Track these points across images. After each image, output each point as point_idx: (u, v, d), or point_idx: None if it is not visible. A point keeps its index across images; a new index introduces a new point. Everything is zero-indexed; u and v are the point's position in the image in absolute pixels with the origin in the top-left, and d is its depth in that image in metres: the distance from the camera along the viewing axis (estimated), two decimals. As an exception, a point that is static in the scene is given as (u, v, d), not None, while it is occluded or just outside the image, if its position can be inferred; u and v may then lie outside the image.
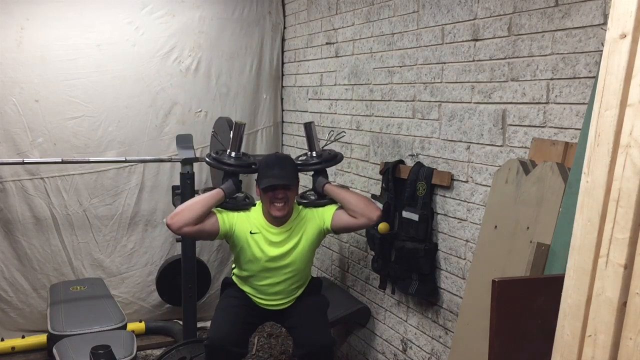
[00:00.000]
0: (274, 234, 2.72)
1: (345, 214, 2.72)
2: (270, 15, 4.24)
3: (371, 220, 2.68)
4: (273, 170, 2.68)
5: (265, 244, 2.70)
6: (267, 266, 2.72)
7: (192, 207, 2.61)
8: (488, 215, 2.27)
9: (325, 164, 2.89)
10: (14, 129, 3.67)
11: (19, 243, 3.77)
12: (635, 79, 1.16)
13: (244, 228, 2.70)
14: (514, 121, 2.24)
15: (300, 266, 2.76)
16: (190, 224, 2.58)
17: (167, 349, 3.27)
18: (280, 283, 2.76)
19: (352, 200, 2.71)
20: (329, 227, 2.75)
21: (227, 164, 2.77)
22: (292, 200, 2.73)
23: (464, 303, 2.37)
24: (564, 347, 1.33)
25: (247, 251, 2.71)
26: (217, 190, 2.71)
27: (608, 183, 1.21)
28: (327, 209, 2.79)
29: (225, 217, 2.69)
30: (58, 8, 3.70)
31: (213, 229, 2.66)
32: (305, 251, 2.75)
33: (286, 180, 2.66)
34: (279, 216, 2.67)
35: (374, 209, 2.69)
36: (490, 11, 2.32)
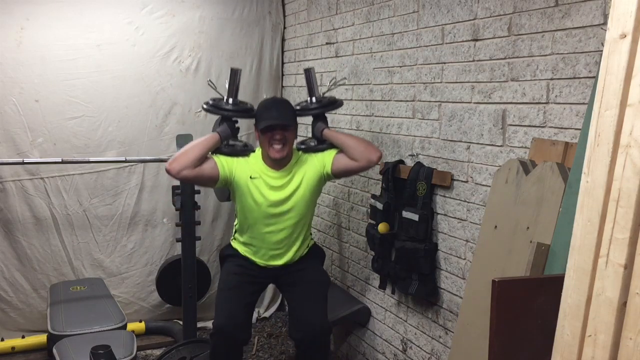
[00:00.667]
0: (274, 178, 2.71)
1: (345, 157, 2.71)
2: (270, 15, 4.24)
3: (371, 162, 2.68)
4: (271, 111, 2.70)
5: (265, 189, 2.70)
6: (268, 212, 2.71)
7: (189, 151, 2.64)
8: (488, 215, 2.27)
9: (324, 108, 2.88)
10: (14, 129, 3.67)
11: (19, 243, 3.77)
12: (635, 79, 1.16)
13: (244, 173, 2.71)
14: (514, 121, 2.24)
15: (301, 211, 2.75)
16: (189, 167, 2.60)
17: (167, 349, 3.27)
18: (283, 231, 2.74)
19: (352, 143, 2.71)
20: (329, 171, 2.74)
21: (224, 109, 2.79)
22: (291, 142, 2.72)
23: (464, 303, 2.37)
24: (564, 347, 1.33)
25: (249, 197, 2.71)
26: (212, 134, 2.74)
27: (608, 183, 1.21)
28: (326, 153, 2.78)
29: (225, 162, 2.71)
30: (58, 8, 3.70)
31: (213, 173, 2.67)
32: (306, 196, 2.74)
33: (284, 120, 2.66)
34: (278, 158, 2.67)
35: (373, 150, 2.68)
36: (490, 11, 2.32)
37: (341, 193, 3.60)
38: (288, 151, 2.70)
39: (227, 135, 2.76)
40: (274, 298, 4.37)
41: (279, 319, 4.27)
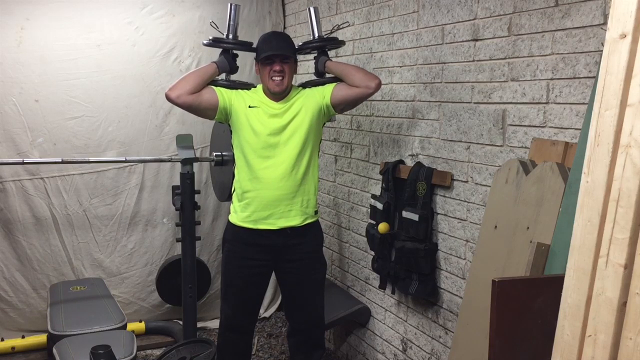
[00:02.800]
0: (274, 107, 2.72)
1: (344, 86, 2.73)
2: (270, 15, 4.24)
3: (369, 88, 2.68)
4: (271, 43, 2.72)
5: (265, 117, 2.70)
6: (268, 141, 2.68)
7: (187, 78, 2.70)
8: (488, 215, 2.27)
9: (326, 42, 2.91)
10: (14, 129, 3.67)
11: (19, 243, 3.77)
12: (635, 79, 1.16)
13: (243, 103, 2.72)
14: (514, 121, 2.24)
15: (301, 139, 2.69)
16: (187, 92, 2.65)
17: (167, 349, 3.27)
18: (283, 164, 2.67)
19: (352, 70, 2.75)
20: (329, 101, 2.74)
21: (224, 41, 2.82)
22: (290, 75, 2.73)
23: (464, 303, 2.37)
24: (564, 347, 1.33)
25: (248, 126, 2.70)
26: (210, 63, 2.79)
27: (608, 183, 1.21)
28: (327, 86, 2.79)
29: (224, 92, 2.74)
30: (58, 8, 3.70)
31: (211, 100, 2.70)
32: (305, 124, 2.71)
33: (283, 50, 2.69)
34: (278, 91, 2.68)
35: (372, 77, 2.70)
36: (490, 11, 2.32)
37: (341, 193, 3.60)
38: (287, 84, 2.71)
39: (224, 66, 2.79)
40: (274, 298, 4.37)
41: (279, 319, 4.27)
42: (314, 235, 2.82)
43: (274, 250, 2.74)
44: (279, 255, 2.76)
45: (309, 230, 2.77)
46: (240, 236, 2.76)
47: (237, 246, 2.78)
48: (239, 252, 2.77)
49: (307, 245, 2.79)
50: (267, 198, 2.68)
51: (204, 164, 4.07)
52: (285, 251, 2.75)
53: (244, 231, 2.73)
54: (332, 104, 2.74)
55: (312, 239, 2.82)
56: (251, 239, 2.73)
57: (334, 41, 2.92)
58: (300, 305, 2.86)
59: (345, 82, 2.74)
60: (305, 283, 2.81)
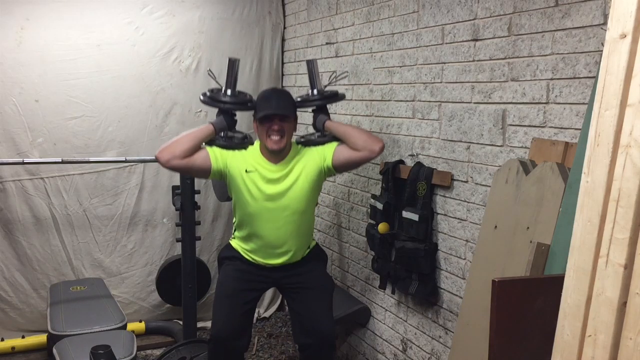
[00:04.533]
0: (272, 171, 2.63)
1: (346, 148, 2.64)
2: (270, 15, 4.24)
3: (373, 152, 2.60)
4: (270, 101, 2.63)
5: (262, 182, 2.62)
6: (265, 206, 2.62)
7: (180, 140, 2.59)
8: (488, 215, 2.27)
9: (326, 100, 2.83)
10: (14, 129, 3.67)
11: (19, 243, 3.77)
12: (635, 79, 1.16)
13: (239, 166, 2.63)
14: (514, 121, 2.24)
15: (300, 206, 2.66)
16: (178, 157, 2.55)
17: (167, 349, 3.27)
18: (282, 227, 2.65)
19: (354, 133, 2.65)
20: (330, 164, 2.66)
21: (222, 101, 2.72)
22: (290, 134, 2.65)
23: (464, 303, 2.37)
24: (564, 347, 1.33)
25: (244, 191, 2.63)
26: (206, 125, 2.69)
27: (608, 183, 1.21)
28: (327, 146, 2.70)
29: (218, 154, 2.64)
30: (58, 8, 3.70)
31: (204, 165, 2.61)
32: (305, 190, 2.65)
33: (283, 110, 2.60)
34: (276, 149, 2.59)
35: (376, 140, 2.62)
36: (490, 11, 2.32)
37: (341, 193, 3.60)
38: (286, 143, 2.62)
39: (222, 127, 2.70)
40: (274, 298, 4.37)
41: (279, 319, 4.27)
42: (315, 256, 2.83)
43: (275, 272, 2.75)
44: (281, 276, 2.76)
45: (310, 255, 2.80)
46: (240, 257, 2.75)
47: (236, 262, 2.76)
48: (238, 266, 2.74)
49: (310, 263, 2.80)
50: (269, 251, 2.70)
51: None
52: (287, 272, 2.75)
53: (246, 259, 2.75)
54: (334, 166, 2.68)
55: (315, 259, 2.82)
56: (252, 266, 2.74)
57: (335, 98, 2.85)
58: (307, 317, 2.71)
59: (346, 145, 2.65)
60: (310, 293, 2.73)
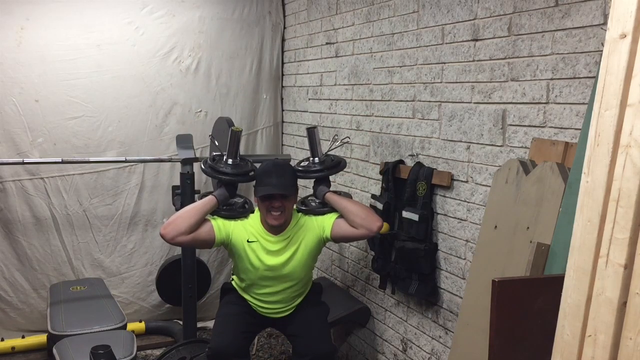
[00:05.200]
0: (272, 242, 2.67)
1: (345, 223, 2.67)
2: (270, 15, 4.24)
3: (371, 232, 2.63)
4: (271, 178, 2.63)
5: (263, 253, 2.67)
6: (265, 275, 2.69)
7: (184, 216, 2.58)
8: (488, 215, 2.27)
9: (327, 171, 2.83)
10: (14, 129, 3.67)
11: (19, 243, 3.77)
12: (635, 79, 1.16)
13: (241, 237, 2.67)
14: (514, 121, 2.24)
15: (299, 275, 2.73)
16: (184, 233, 2.55)
17: (167, 349, 3.27)
18: (280, 292, 2.73)
19: (353, 210, 2.66)
20: (329, 236, 2.70)
21: (224, 172, 2.71)
22: (290, 209, 2.69)
23: (464, 303, 2.37)
24: (564, 347, 1.33)
25: (245, 260, 2.68)
26: (210, 197, 2.68)
27: (608, 183, 1.21)
28: (327, 217, 2.73)
29: (222, 225, 2.66)
30: (58, 8, 3.70)
31: (209, 238, 2.63)
32: (304, 260, 2.71)
33: (283, 189, 2.62)
34: (276, 225, 2.64)
35: (374, 220, 2.63)
36: (490, 11, 2.32)
37: (341, 193, 3.60)
38: (287, 218, 2.66)
39: (224, 199, 2.70)
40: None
41: (279, 319, 4.27)
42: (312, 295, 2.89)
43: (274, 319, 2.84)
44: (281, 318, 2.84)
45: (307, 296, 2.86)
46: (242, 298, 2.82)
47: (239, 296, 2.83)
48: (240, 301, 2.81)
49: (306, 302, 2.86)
50: (265, 306, 2.77)
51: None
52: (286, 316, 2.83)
53: None
54: (332, 238, 2.72)
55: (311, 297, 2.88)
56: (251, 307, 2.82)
57: (336, 169, 2.85)
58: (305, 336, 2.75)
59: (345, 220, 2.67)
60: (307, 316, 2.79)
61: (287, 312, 2.80)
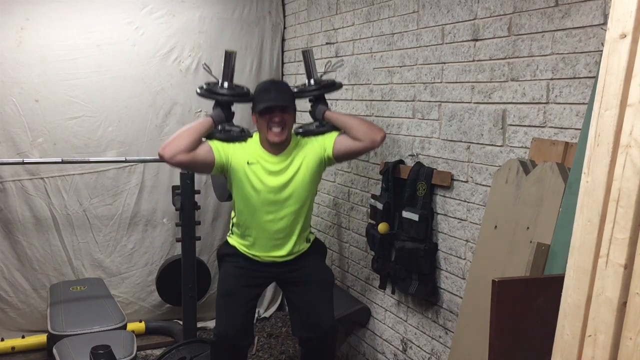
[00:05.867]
0: (273, 163, 2.64)
1: (347, 138, 2.64)
2: (270, 15, 4.24)
3: (374, 142, 2.61)
4: (270, 93, 2.63)
5: (264, 174, 2.62)
6: (268, 199, 2.63)
7: (181, 135, 2.59)
8: (488, 215, 2.27)
9: (323, 89, 2.83)
10: (14, 129, 3.67)
11: (19, 243, 3.77)
12: (635, 79, 1.16)
13: (241, 159, 2.63)
14: (514, 121, 2.24)
15: (301, 197, 2.66)
16: (182, 152, 2.55)
17: (167, 349, 3.27)
18: (283, 219, 2.66)
19: (355, 123, 2.64)
20: (331, 154, 2.66)
21: (219, 93, 2.71)
22: (290, 125, 2.65)
23: (464, 303, 2.37)
24: (564, 347, 1.33)
25: (246, 184, 2.64)
26: (205, 118, 2.69)
27: (608, 183, 1.21)
28: (327, 136, 2.70)
29: (220, 148, 2.64)
30: (58, 8, 3.70)
31: (208, 158, 2.61)
32: (306, 181, 2.66)
33: (282, 101, 2.60)
34: (277, 142, 2.59)
35: (377, 131, 2.62)
36: (490, 11, 2.32)
37: (341, 193, 3.60)
38: (287, 135, 2.62)
39: (220, 119, 2.69)
40: (274, 298, 4.37)
41: (279, 319, 4.27)
42: (315, 250, 2.83)
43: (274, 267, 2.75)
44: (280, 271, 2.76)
45: (310, 249, 2.80)
46: (239, 254, 2.76)
47: (236, 258, 2.76)
48: (239, 263, 2.75)
49: (310, 258, 2.80)
50: (269, 243, 2.70)
51: (204, 164, 4.07)
52: (287, 266, 2.75)
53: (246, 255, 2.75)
54: (334, 156, 2.68)
55: (314, 253, 2.82)
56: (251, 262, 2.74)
57: (332, 87, 2.85)
58: (308, 311, 2.73)
59: (347, 135, 2.65)
60: (312, 286, 2.74)
61: (287, 249, 2.71)
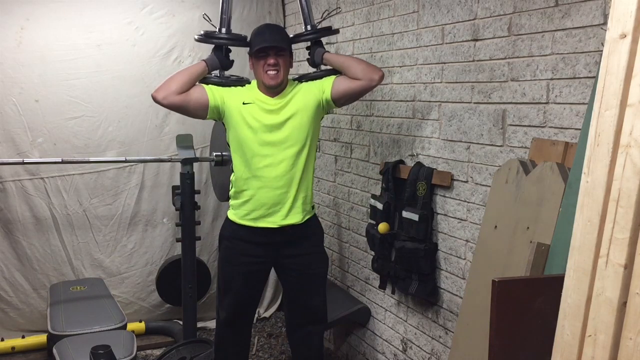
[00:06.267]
0: (270, 103, 2.64)
1: (345, 79, 2.64)
2: (270, 15, 4.24)
3: (373, 81, 2.60)
4: (264, 35, 2.64)
5: (260, 112, 2.61)
6: (264, 139, 2.60)
7: (174, 78, 2.63)
8: (488, 215, 2.27)
9: (320, 32, 2.84)
10: (14, 129, 3.67)
11: (19, 243, 3.77)
12: (635, 79, 1.16)
13: (237, 100, 2.64)
14: (514, 121, 2.24)
15: (300, 139, 2.62)
16: (174, 93, 2.58)
17: (167, 349, 3.27)
18: (282, 163, 2.61)
19: (353, 62, 2.66)
20: (329, 96, 2.65)
21: (216, 37, 2.74)
22: (286, 68, 2.65)
23: (464, 303, 2.37)
24: (564, 347, 1.33)
25: (242, 123, 2.62)
26: (199, 62, 2.72)
27: (608, 183, 1.21)
28: (325, 79, 2.70)
29: (215, 90, 2.65)
30: (58, 8, 3.70)
31: (201, 100, 2.62)
32: (304, 123, 2.63)
33: (277, 42, 2.60)
34: (273, 84, 2.59)
35: (375, 70, 2.63)
36: (490, 11, 2.32)
37: (341, 193, 3.60)
38: (283, 77, 2.61)
39: (214, 64, 2.70)
40: (274, 298, 4.37)
41: (279, 319, 4.27)
42: (314, 230, 2.80)
43: (274, 247, 2.71)
44: (280, 251, 2.72)
45: (309, 226, 2.75)
46: (239, 233, 2.72)
47: (235, 243, 2.74)
48: (238, 249, 2.73)
49: (308, 241, 2.76)
50: (267, 197, 2.63)
51: (204, 164, 4.07)
52: (286, 248, 2.72)
53: (243, 229, 2.69)
54: (333, 98, 2.66)
55: (313, 234, 2.79)
56: (251, 237, 2.70)
57: (328, 31, 2.86)
58: (301, 299, 2.78)
59: (345, 75, 2.65)
60: (306, 277, 2.76)
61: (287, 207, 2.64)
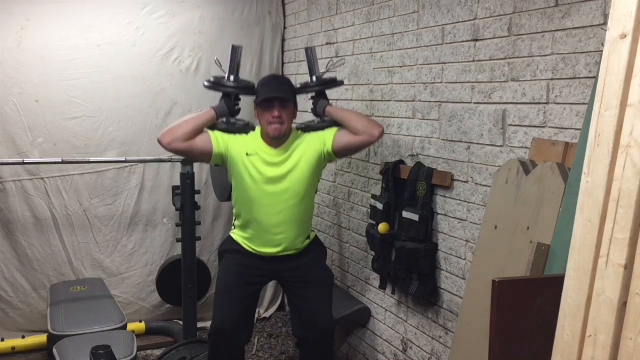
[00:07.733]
0: (272, 155, 2.68)
1: (346, 133, 2.69)
2: (270, 15, 4.24)
3: (372, 137, 2.65)
4: (270, 86, 2.69)
5: (262, 164, 2.66)
6: (265, 189, 2.66)
7: (182, 124, 2.66)
8: (488, 215, 2.27)
9: (325, 85, 2.88)
10: (14, 129, 3.67)
11: (19, 243, 3.77)
12: (635, 79, 1.16)
13: (240, 150, 2.68)
14: (514, 121, 2.24)
15: (299, 191, 2.68)
16: (180, 140, 2.61)
17: (167, 349, 3.27)
18: (281, 212, 2.68)
19: (354, 117, 2.71)
20: (330, 148, 2.70)
21: (225, 85, 2.80)
22: (290, 120, 2.69)
23: (464, 303, 2.37)
24: (564, 347, 1.33)
25: (244, 174, 2.67)
26: (208, 110, 2.74)
27: (608, 183, 1.21)
28: (327, 131, 2.74)
29: (220, 137, 2.69)
30: (58, 8, 3.69)
31: (205, 147, 2.66)
32: (304, 175, 2.69)
33: (281, 93, 2.64)
34: (276, 135, 2.63)
35: (375, 125, 2.67)
36: (490, 11, 2.32)
37: (341, 193, 3.60)
38: (286, 129, 2.66)
39: (223, 112, 2.75)
40: (274, 298, 4.38)
41: (279, 319, 4.27)
42: (315, 248, 2.85)
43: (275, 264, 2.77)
44: (281, 269, 2.78)
45: (310, 247, 2.81)
46: (240, 249, 2.77)
47: (236, 255, 2.78)
48: (238, 260, 2.77)
49: (310, 257, 2.81)
50: (267, 237, 2.71)
51: (204, 164, 4.07)
52: (287, 263, 2.77)
53: (245, 249, 2.76)
54: (334, 150, 2.71)
55: (314, 251, 2.84)
56: (252, 256, 2.76)
57: (333, 84, 2.90)
58: (306, 310, 2.76)
59: (346, 129, 2.69)
60: (311, 286, 2.77)
61: (287, 244, 2.71)
